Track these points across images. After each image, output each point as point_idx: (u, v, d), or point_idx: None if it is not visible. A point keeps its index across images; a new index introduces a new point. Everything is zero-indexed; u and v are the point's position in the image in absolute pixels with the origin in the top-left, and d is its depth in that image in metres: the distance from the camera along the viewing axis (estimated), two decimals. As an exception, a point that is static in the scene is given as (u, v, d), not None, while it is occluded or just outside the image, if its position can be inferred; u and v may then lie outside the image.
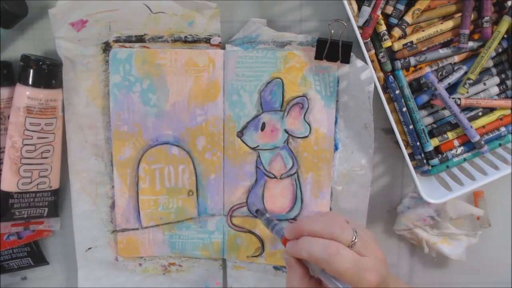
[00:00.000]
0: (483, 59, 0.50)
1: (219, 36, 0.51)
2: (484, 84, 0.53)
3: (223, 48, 0.52)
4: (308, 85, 0.51)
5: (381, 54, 0.50)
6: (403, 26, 0.49)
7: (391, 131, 0.50)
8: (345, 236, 0.42)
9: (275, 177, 0.54)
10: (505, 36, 0.50)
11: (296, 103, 0.52)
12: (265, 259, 0.56)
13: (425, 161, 0.52)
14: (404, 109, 0.51)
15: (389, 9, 0.49)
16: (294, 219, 0.54)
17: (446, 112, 0.53)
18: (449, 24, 0.51)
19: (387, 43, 0.50)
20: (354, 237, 0.42)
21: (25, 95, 0.49)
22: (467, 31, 0.50)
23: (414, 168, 0.51)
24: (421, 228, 0.54)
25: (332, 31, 0.48)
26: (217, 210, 0.55)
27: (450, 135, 0.53)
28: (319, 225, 0.43)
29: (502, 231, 0.58)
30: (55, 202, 0.54)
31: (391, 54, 0.51)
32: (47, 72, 0.49)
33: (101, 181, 0.54)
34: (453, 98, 0.51)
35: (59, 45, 0.50)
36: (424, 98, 0.51)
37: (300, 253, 0.43)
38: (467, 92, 0.51)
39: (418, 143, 0.52)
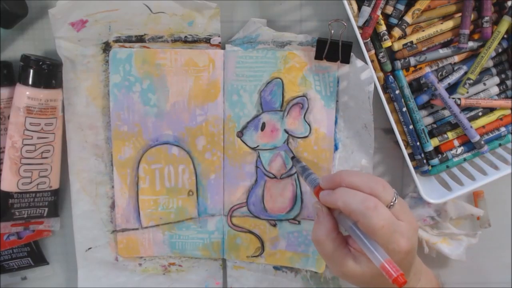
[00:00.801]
0: (483, 59, 0.50)
1: (219, 36, 0.51)
2: (484, 84, 0.53)
3: (223, 48, 0.52)
4: (308, 85, 0.51)
5: (381, 54, 0.50)
6: (403, 26, 0.49)
7: (391, 131, 0.50)
8: (385, 195, 0.41)
9: (275, 177, 0.54)
10: (505, 36, 0.50)
11: (296, 103, 0.52)
12: (265, 259, 0.56)
13: (425, 161, 0.52)
14: (404, 109, 0.51)
15: (389, 9, 0.49)
16: (294, 219, 0.54)
17: (446, 112, 0.53)
18: (449, 24, 0.51)
19: (387, 43, 0.50)
20: (394, 198, 0.41)
21: (25, 95, 0.49)
22: (467, 31, 0.50)
23: (414, 168, 0.51)
24: (421, 228, 0.54)
25: (332, 31, 0.48)
26: (217, 210, 0.55)
27: (450, 135, 0.53)
28: (360, 178, 0.41)
29: (502, 231, 0.58)
30: (55, 202, 0.54)
31: (391, 54, 0.51)
32: (47, 72, 0.49)
33: (101, 181, 0.54)
34: (453, 98, 0.51)
35: (59, 45, 0.50)
36: (424, 98, 0.51)
37: (336, 202, 0.41)
38: (467, 92, 0.51)
39: (418, 143, 0.52)
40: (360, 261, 0.41)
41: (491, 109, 0.53)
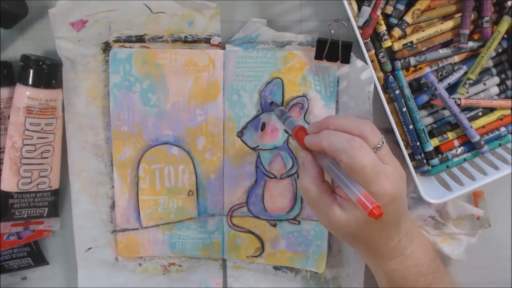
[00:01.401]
0: (483, 59, 0.50)
1: (219, 36, 0.51)
2: (484, 84, 0.53)
3: (223, 48, 0.52)
4: (308, 85, 0.51)
5: (381, 54, 0.50)
6: (403, 26, 0.49)
7: (391, 131, 0.50)
8: (372, 137, 0.40)
9: (275, 177, 0.54)
10: (505, 36, 0.50)
11: (296, 103, 0.52)
12: (265, 259, 0.56)
13: (425, 161, 0.52)
14: (404, 109, 0.51)
15: (389, 9, 0.49)
16: (294, 219, 0.54)
17: (446, 112, 0.53)
18: (449, 24, 0.51)
19: (387, 43, 0.50)
20: (382, 141, 0.40)
21: (25, 95, 0.49)
22: (467, 31, 0.50)
23: (414, 168, 0.51)
24: (421, 228, 0.54)
25: (332, 31, 0.48)
26: (217, 210, 0.55)
27: (450, 135, 0.53)
28: (348, 121, 0.41)
29: (502, 231, 0.58)
30: (55, 202, 0.54)
31: (391, 54, 0.51)
32: (47, 72, 0.49)
33: (101, 181, 0.54)
34: (453, 98, 0.51)
35: (59, 45, 0.50)
36: (424, 98, 0.51)
37: (320, 143, 0.40)
38: (467, 92, 0.51)
39: (418, 143, 0.52)
40: (345, 208, 0.40)
41: (491, 109, 0.53)
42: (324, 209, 0.41)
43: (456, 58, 0.52)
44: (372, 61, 0.50)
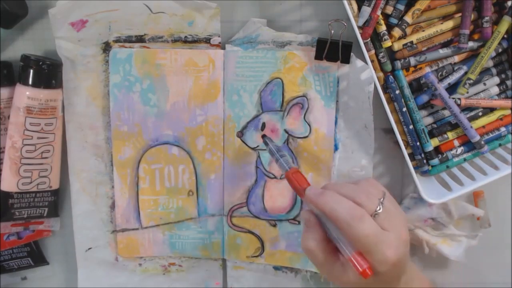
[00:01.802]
0: (483, 59, 0.50)
1: (219, 36, 0.51)
2: (484, 84, 0.53)
3: (223, 48, 0.52)
4: (308, 85, 0.51)
5: (381, 54, 0.50)
6: (403, 26, 0.49)
7: (391, 131, 0.50)
8: (369, 204, 0.40)
9: (275, 177, 0.54)
10: (505, 36, 0.50)
11: (296, 103, 0.52)
12: (265, 259, 0.56)
13: (425, 161, 0.52)
14: (404, 109, 0.51)
15: (389, 9, 0.49)
16: (294, 219, 0.54)
17: (446, 112, 0.53)
18: (449, 24, 0.51)
19: (387, 43, 0.50)
20: (379, 207, 0.40)
21: (25, 95, 0.49)
22: (467, 31, 0.50)
23: (414, 168, 0.51)
24: (421, 228, 0.54)
25: (332, 31, 0.48)
26: (217, 210, 0.55)
27: (450, 135, 0.53)
28: (345, 189, 0.41)
29: (502, 231, 0.58)
30: (55, 202, 0.54)
31: (391, 54, 0.51)
32: (47, 72, 0.49)
33: (101, 181, 0.54)
34: (453, 98, 0.51)
35: (59, 45, 0.50)
36: (424, 98, 0.51)
37: (323, 206, 0.41)
38: (467, 92, 0.51)
39: (418, 143, 0.52)
40: (347, 268, 0.41)
41: (491, 109, 0.53)
42: (329, 270, 0.42)
43: (456, 58, 0.52)
44: (372, 61, 0.50)
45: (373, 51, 0.50)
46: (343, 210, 0.40)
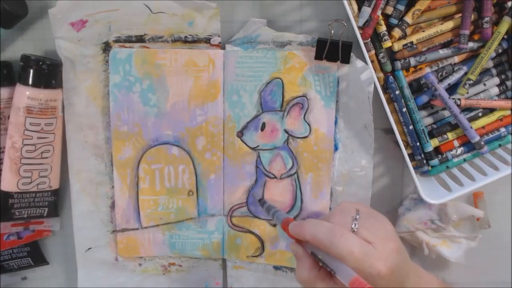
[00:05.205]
0: (483, 60, 0.50)
1: (219, 36, 0.51)
2: (484, 84, 0.53)
3: (223, 48, 0.52)
4: (308, 85, 0.51)
5: (381, 55, 0.50)
6: (403, 27, 0.49)
7: (391, 131, 0.50)
8: (345, 223, 0.41)
9: (275, 177, 0.54)
10: (505, 36, 0.50)
11: (296, 103, 0.52)
12: (265, 259, 0.56)
13: (425, 161, 0.52)
14: (404, 109, 0.51)
15: (389, 10, 0.49)
16: (294, 219, 0.54)
17: (446, 113, 0.53)
18: (449, 24, 0.51)
19: (387, 44, 0.50)
20: (354, 224, 0.41)
21: (25, 95, 0.49)
22: (467, 32, 0.50)
23: (414, 168, 0.51)
24: (421, 230, 0.54)
25: (332, 31, 0.48)
26: (217, 210, 0.55)
27: (450, 135, 0.53)
28: (321, 217, 0.43)
29: (502, 232, 0.58)
30: (55, 202, 0.54)
31: (391, 54, 0.51)
32: (47, 72, 0.49)
33: (101, 181, 0.54)
34: (453, 98, 0.51)
35: (59, 45, 0.50)
36: (424, 98, 0.51)
37: (304, 234, 0.42)
38: (467, 93, 0.51)
39: (418, 144, 0.52)
40: None
41: (491, 110, 0.53)
42: None
43: (456, 59, 0.52)
44: (372, 62, 0.50)
45: (373, 52, 0.50)
46: (322, 232, 0.40)
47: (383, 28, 0.49)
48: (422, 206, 0.54)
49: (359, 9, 0.48)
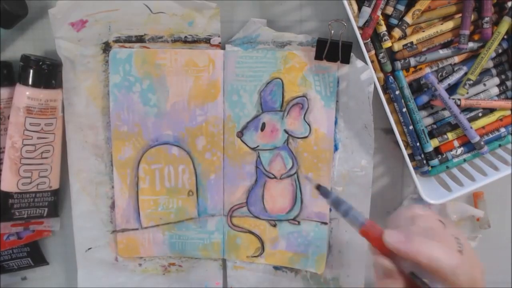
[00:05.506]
0: (483, 60, 0.50)
1: (219, 36, 0.51)
2: (484, 84, 0.53)
3: (223, 48, 0.52)
4: (308, 85, 0.51)
5: (381, 55, 0.50)
6: (403, 27, 0.49)
7: (391, 131, 0.50)
8: (450, 244, 0.36)
9: (275, 177, 0.54)
10: (505, 37, 0.50)
11: (296, 103, 0.52)
12: (265, 259, 0.56)
13: (425, 161, 0.52)
14: (404, 109, 0.51)
15: (389, 10, 0.49)
16: (294, 219, 0.54)
17: (446, 113, 0.53)
18: (449, 24, 0.51)
19: (387, 44, 0.50)
20: (459, 246, 0.36)
21: (25, 95, 0.49)
22: (467, 32, 0.50)
23: (414, 168, 0.51)
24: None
25: (332, 31, 0.48)
26: (217, 210, 0.55)
27: (450, 135, 0.53)
28: (415, 230, 0.37)
29: (502, 232, 0.58)
30: (55, 202, 0.54)
31: (391, 54, 0.51)
32: (47, 72, 0.49)
33: (101, 181, 0.54)
34: (453, 98, 0.51)
35: (59, 45, 0.50)
36: (424, 98, 0.51)
37: (415, 254, 0.35)
38: (467, 93, 0.51)
39: (418, 144, 0.52)
40: None
41: (491, 110, 0.53)
42: None
43: (456, 59, 0.52)
44: (372, 62, 0.50)
45: (373, 52, 0.50)
46: (443, 257, 0.34)
47: (383, 28, 0.49)
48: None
49: (359, 9, 0.48)
